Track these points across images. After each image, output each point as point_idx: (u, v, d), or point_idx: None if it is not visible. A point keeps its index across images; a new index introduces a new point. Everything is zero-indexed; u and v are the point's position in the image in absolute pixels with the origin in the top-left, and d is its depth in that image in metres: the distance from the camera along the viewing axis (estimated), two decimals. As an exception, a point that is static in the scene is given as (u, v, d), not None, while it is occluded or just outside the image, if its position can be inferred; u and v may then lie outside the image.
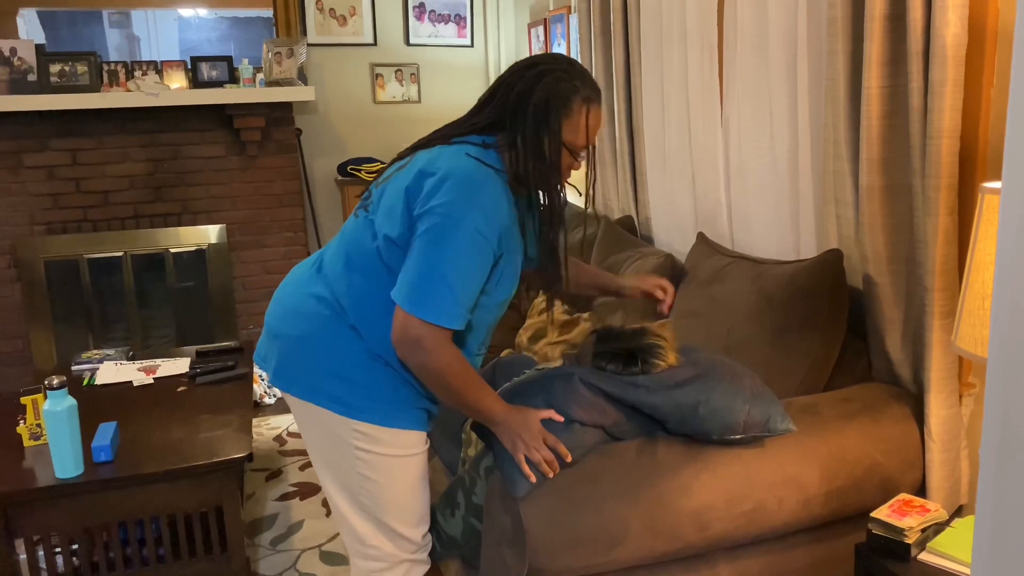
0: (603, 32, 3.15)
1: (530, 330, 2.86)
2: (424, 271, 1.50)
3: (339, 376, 1.63)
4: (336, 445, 1.68)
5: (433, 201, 1.51)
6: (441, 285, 1.50)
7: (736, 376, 1.68)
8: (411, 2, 4.43)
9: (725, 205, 2.59)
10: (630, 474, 1.60)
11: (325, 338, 1.63)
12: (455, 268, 1.50)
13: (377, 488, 1.68)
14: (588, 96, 1.57)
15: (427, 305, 1.50)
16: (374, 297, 1.60)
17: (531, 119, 1.55)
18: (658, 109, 2.89)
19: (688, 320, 2.31)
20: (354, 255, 1.63)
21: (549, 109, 1.55)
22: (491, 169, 1.56)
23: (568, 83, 1.55)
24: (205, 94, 3.94)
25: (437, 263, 1.50)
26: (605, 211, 3.36)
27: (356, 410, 1.63)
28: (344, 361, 1.63)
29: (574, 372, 1.70)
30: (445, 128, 1.69)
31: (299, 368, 1.66)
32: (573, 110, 1.56)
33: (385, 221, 1.58)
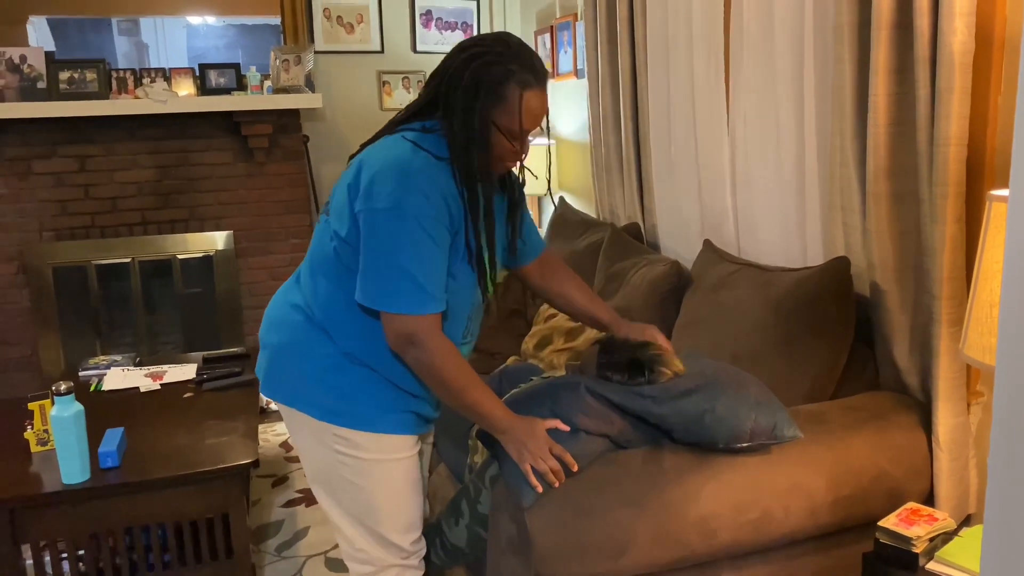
0: (609, 39, 3.16)
1: (536, 337, 2.86)
2: (382, 268, 1.50)
3: (317, 381, 1.64)
4: (320, 450, 1.68)
5: (372, 196, 1.50)
6: (403, 277, 1.49)
7: (742, 384, 1.67)
8: (418, 10, 4.45)
9: (731, 212, 2.59)
10: (636, 482, 1.60)
11: (301, 344, 1.64)
12: (411, 257, 1.49)
13: (362, 493, 1.69)
14: (524, 79, 1.51)
15: (400, 299, 1.50)
16: (338, 298, 1.60)
17: (460, 104, 1.52)
18: (664, 116, 2.89)
19: (694, 327, 2.31)
20: (317, 259, 1.64)
21: (478, 94, 1.50)
22: (426, 152, 1.53)
23: (500, 66, 1.50)
24: (213, 101, 3.96)
25: (392, 256, 1.49)
26: (611, 218, 3.36)
27: (335, 415, 1.64)
28: (320, 366, 1.63)
29: (580, 381, 1.69)
30: (392, 118, 1.68)
31: (282, 375, 1.68)
32: (505, 95, 1.51)
33: (337, 221, 1.59)
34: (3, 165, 3.86)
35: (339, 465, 1.67)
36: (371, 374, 1.64)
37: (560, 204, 3.72)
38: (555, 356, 2.73)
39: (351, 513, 1.71)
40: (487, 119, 1.52)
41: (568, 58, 3.86)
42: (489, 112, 1.52)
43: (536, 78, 1.53)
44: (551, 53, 4.06)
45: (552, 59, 4.06)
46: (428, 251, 1.51)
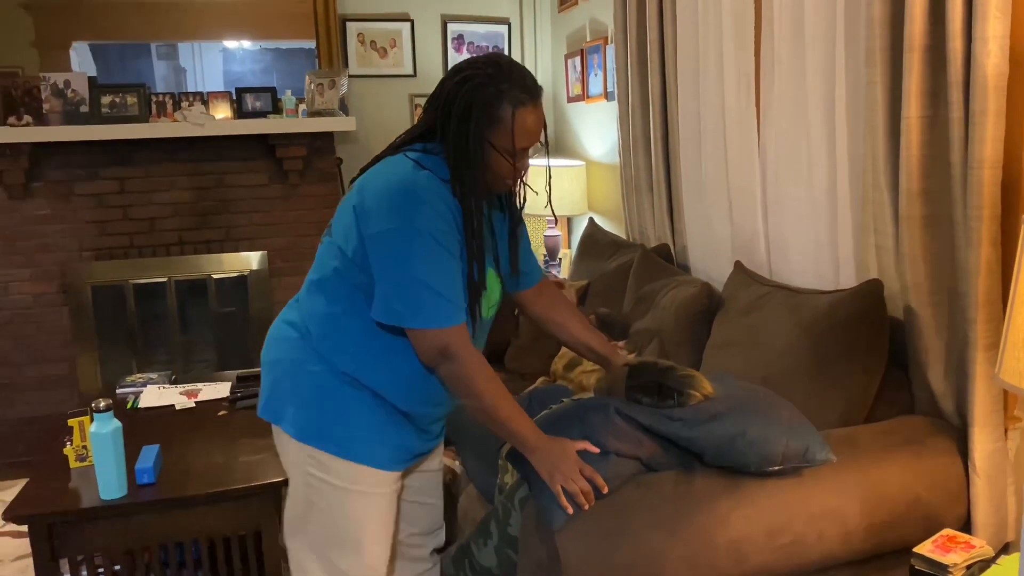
0: (640, 62, 3.18)
1: (565, 358, 2.86)
2: (404, 285, 1.51)
3: (305, 400, 1.62)
4: (295, 473, 1.67)
5: (382, 217, 1.52)
6: (424, 291, 1.50)
7: (773, 407, 1.66)
8: (450, 34, 4.51)
9: (762, 234, 2.58)
10: (667, 505, 1.59)
11: (294, 362, 1.64)
12: (430, 270, 1.51)
13: (329, 523, 1.65)
14: (516, 98, 1.53)
15: (428, 313, 1.51)
16: (336, 316, 1.61)
17: (455, 127, 1.53)
18: (694, 138, 2.90)
19: (725, 350, 2.30)
20: (318, 278, 1.66)
21: (471, 115, 1.52)
22: (428, 171, 1.54)
23: (492, 87, 1.52)
24: (249, 124, 4.04)
25: (411, 273, 1.50)
26: (641, 239, 3.37)
27: (315, 436, 1.62)
28: (310, 384, 1.62)
29: (610, 403, 1.70)
30: (392, 141, 1.70)
31: (272, 393, 1.68)
32: (498, 114, 1.52)
33: (342, 239, 1.60)
34: (47, 187, 3.96)
35: (310, 489, 1.64)
36: (364, 397, 1.61)
37: (589, 225, 3.73)
38: (584, 377, 2.73)
39: (316, 547, 1.67)
40: (482, 140, 1.54)
41: (598, 81, 3.88)
42: (484, 133, 1.53)
43: (529, 95, 1.54)
44: (581, 76, 4.09)
45: (582, 82, 4.09)
46: (445, 263, 1.52)
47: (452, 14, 4.50)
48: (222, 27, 4.21)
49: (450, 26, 4.50)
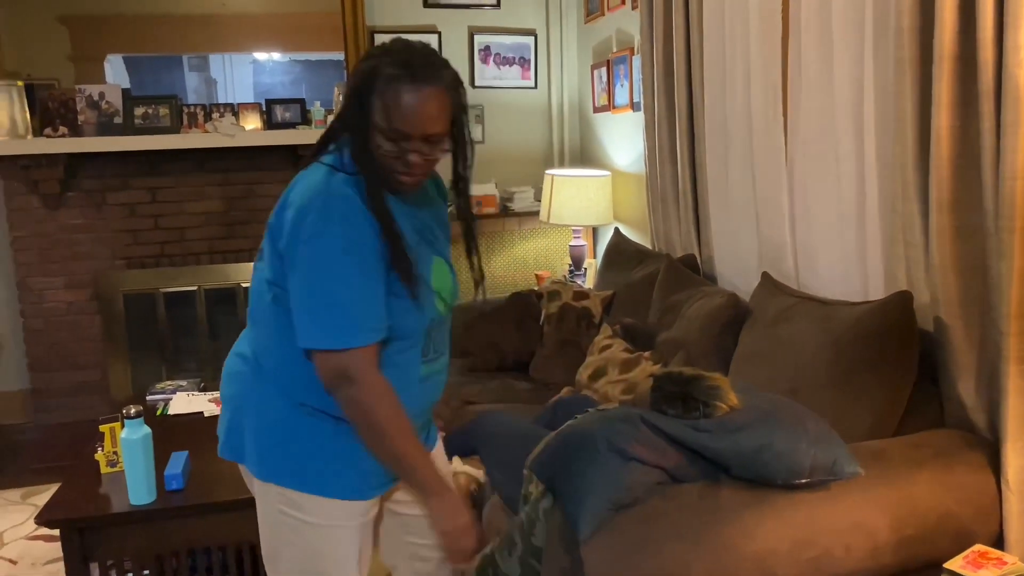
0: (666, 73, 3.18)
1: (590, 368, 2.86)
2: (313, 304, 1.41)
3: (265, 437, 1.53)
4: (265, 510, 1.59)
5: (294, 232, 1.41)
6: (333, 309, 1.40)
7: (800, 419, 1.65)
8: (477, 45, 4.54)
9: (790, 245, 2.57)
10: (692, 517, 1.58)
11: (248, 397, 1.55)
12: (341, 288, 1.40)
13: (304, 559, 1.57)
14: (392, 75, 1.39)
15: (331, 334, 1.40)
16: (283, 345, 1.49)
17: (347, 109, 1.45)
18: (721, 148, 2.89)
19: (752, 361, 2.29)
20: (254, 306, 1.57)
21: (360, 95, 1.42)
22: (342, 172, 1.44)
23: (369, 62, 1.42)
24: (278, 135, 4.09)
25: (321, 291, 1.40)
26: (667, 249, 3.36)
27: (280, 474, 1.53)
28: (268, 420, 1.53)
29: (637, 412, 1.70)
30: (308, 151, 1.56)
31: (227, 429, 1.59)
32: (378, 91, 1.40)
33: (264, 264, 1.51)
34: (80, 196, 4.04)
35: (282, 527, 1.56)
36: (325, 427, 1.51)
37: (615, 235, 3.72)
38: (610, 388, 2.72)
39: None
40: (367, 114, 1.42)
41: (624, 91, 3.89)
42: (367, 106, 1.41)
43: (409, 73, 1.40)
44: (607, 87, 4.10)
45: (608, 92, 4.09)
46: (353, 279, 1.41)
47: (479, 26, 4.53)
48: (252, 40, 4.28)
49: (477, 38, 4.53)
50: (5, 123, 3.78)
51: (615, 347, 2.84)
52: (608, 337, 2.92)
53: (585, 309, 3.29)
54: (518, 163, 4.68)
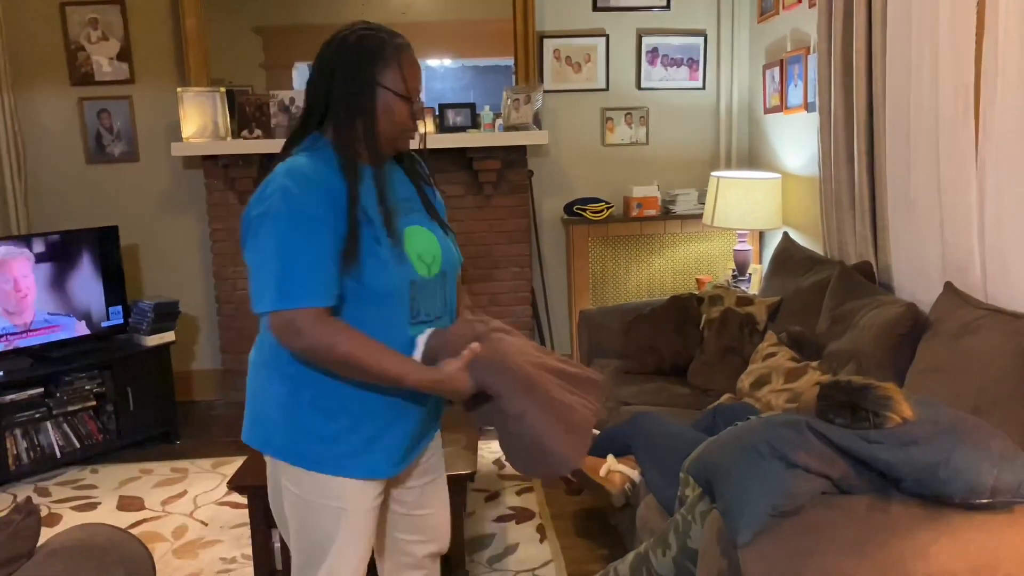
0: (844, 72, 3.05)
1: (753, 376, 2.79)
2: (256, 271, 1.50)
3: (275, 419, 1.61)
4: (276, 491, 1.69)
5: (245, 214, 1.53)
6: (273, 274, 1.47)
7: (982, 436, 1.55)
8: (645, 47, 4.53)
9: (978, 253, 2.40)
10: (859, 530, 1.53)
11: (260, 386, 1.64)
12: (280, 252, 1.47)
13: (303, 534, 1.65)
14: (397, 43, 1.58)
15: (278, 295, 1.47)
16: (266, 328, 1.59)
17: (342, 86, 1.54)
18: (903, 151, 2.74)
19: (932, 375, 2.16)
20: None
21: (360, 63, 1.54)
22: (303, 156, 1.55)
23: (375, 35, 1.57)
24: (450, 138, 4.26)
25: (262, 258, 1.49)
26: (840, 255, 3.22)
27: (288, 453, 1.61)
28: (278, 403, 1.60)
29: (803, 419, 1.65)
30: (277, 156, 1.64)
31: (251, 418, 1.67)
32: (386, 55, 1.55)
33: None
34: (270, 193, 4.38)
35: (292, 508, 1.65)
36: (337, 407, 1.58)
37: (784, 239, 3.61)
38: (773, 396, 2.65)
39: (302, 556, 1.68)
40: (374, 84, 1.54)
41: (798, 92, 3.76)
42: (375, 78, 1.54)
43: (404, 41, 1.60)
44: (780, 87, 3.98)
45: (781, 93, 3.97)
46: (300, 244, 1.48)
47: (648, 28, 4.52)
48: (429, 46, 4.48)
49: (644, 39, 4.52)
50: (209, 126, 4.17)
51: (780, 355, 2.77)
52: (773, 345, 2.84)
53: (749, 315, 3.21)
54: (682, 165, 4.63)
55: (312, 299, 1.48)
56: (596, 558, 2.77)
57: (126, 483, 3.51)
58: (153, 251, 4.53)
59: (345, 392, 1.57)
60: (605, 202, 4.42)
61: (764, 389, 2.70)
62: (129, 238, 4.36)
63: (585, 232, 4.41)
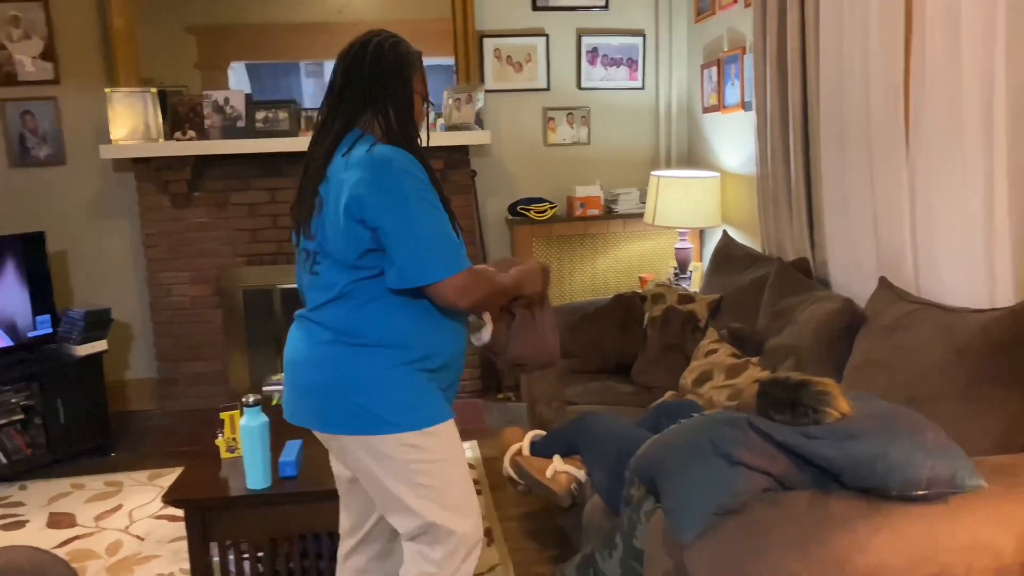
0: (779, 73, 3.10)
1: (695, 372, 2.81)
2: (423, 245, 1.65)
3: (381, 398, 1.73)
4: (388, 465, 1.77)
5: (380, 201, 1.64)
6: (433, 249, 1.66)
7: (918, 428, 1.58)
8: (584, 47, 4.54)
9: (910, 249, 2.46)
10: (800, 526, 1.54)
11: (355, 370, 1.73)
12: (430, 230, 1.67)
13: (432, 494, 1.79)
14: (418, 52, 1.83)
15: (448, 264, 1.67)
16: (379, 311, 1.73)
17: (391, 85, 1.75)
18: (837, 149, 2.80)
19: (868, 369, 2.20)
20: (337, 294, 1.75)
21: (402, 70, 1.76)
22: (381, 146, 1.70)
23: (404, 44, 1.80)
24: (389, 138, 4.20)
25: (417, 236, 1.65)
26: (778, 252, 3.27)
27: (402, 424, 1.74)
28: (382, 382, 1.73)
29: (744, 417, 1.66)
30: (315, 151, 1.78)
31: (341, 408, 1.75)
32: (416, 64, 1.80)
33: (346, 248, 1.70)
34: (205, 196, 4.27)
35: (415, 474, 1.77)
36: (427, 372, 1.77)
37: (723, 237, 3.65)
38: (715, 393, 2.68)
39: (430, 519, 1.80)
40: (412, 89, 1.79)
41: (735, 91, 3.81)
42: (411, 82, 1.79)
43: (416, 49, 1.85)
44: (717, 86, 4.02)
45: (719, 92, 4.02)
46: (438, 220, 1.69)
47: (587, 27, 4.54)
48: (367, 45, 4.41)
49: (584, 39, 4.53)
50: (140, 127, 4.04)
51: (721, 352, 2.79)
52: (714, 341, 2.87)
53: (691, 313, 3.24)
54: (623, 164, 4.66)
55: (465, 262, 1.70)
56: (544, 560, 2.75)
57: (57, 499, 3.38)
58: (83, 257, 4.38)
59: (443, 346, 1.80)
60: (549, 202, 4.42)
61: (706, 385, 2.73)
62: (57, 244, 4.21)
63: (529, 232, 4.40)
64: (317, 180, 1.74)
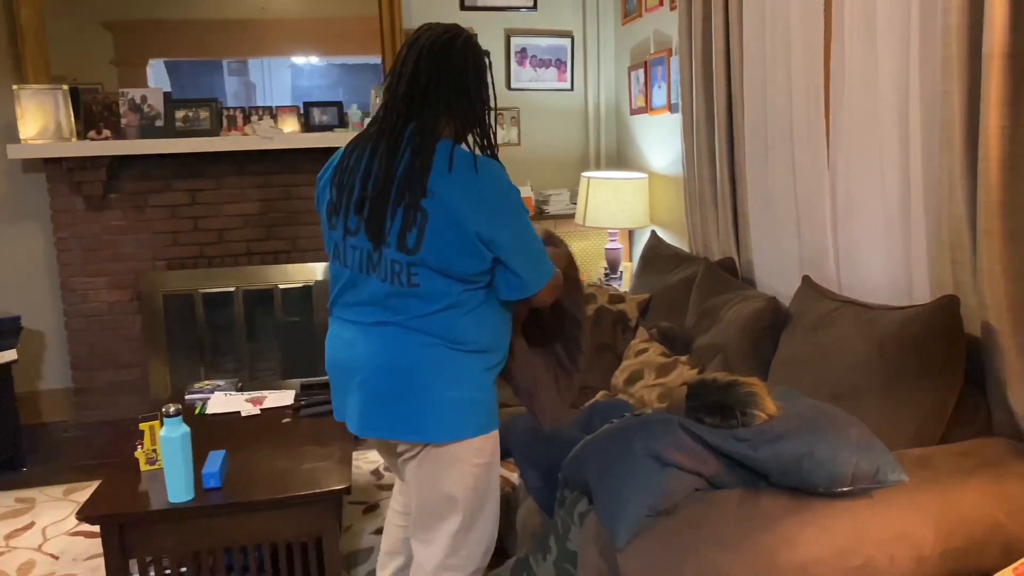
0: (705, 74, 3.14)
1: (626, 372, 2.83)
2: (531, 256, 1.74)
3: (468, 402, 1.77)
4: (459, 470, 1.80)
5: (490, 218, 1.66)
6: (541, 254, 1.78)
7: (842, 426, 1.61)
8: (513, 48, 4.54)
9: (832, 248, 2.52)
10: (732, 524, 1.55)
11: (454, 379, 1.74)
12: (536, 242, 1.77)
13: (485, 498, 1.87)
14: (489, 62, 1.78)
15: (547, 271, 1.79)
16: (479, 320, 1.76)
17: (479, 88, 1.73)
18: (761, 150, 2.85)
19: (793, 366, 2.25)
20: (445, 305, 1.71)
21: (485, 78, 1.75)
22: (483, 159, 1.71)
23: (482, 50, 1.77)
24: (316, 138, 4.13)
25: (531, 244, 1.75)
26: (705, 252, 3.32)
27: (480, 427, 1.80)
28: (466, 384, 1.76)
29: (675, 417, 1.67)
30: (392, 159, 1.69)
31: (443, 416, 1.75)
32: (488, 76, 1.76)
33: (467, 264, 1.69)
34: (122, 198, 4.11)
35: (475, 480, 1.82)
36: (494, 377, 1.83)
37: (651, 238, 3.69)
38: (645, 391, 2.70)
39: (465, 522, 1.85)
40: (485, 99, 1.76)
41: (662, 93, 3.86)
42: (487, 93, 1.76)
43: None
44: (644, 88, 4.07)
45: (645, 94, 4.07)
46: (531, 228, 1.76)
47: (516, 28, 4.53)
48: (291, 44, 4.32)
49: (513, 40, 4.53)
50: (50, 126, 3.86)
51: (651, 351, 2.82)
52: (644, 341, 2.89)
53: (621, 312, 3.26)
54: (554, 165, 4.67)
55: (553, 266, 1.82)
56: (478, 564, 2.73)
57: (-37, 518, 3.20)
58: (-10, 262, 4.17)
59: (506, 349, 1.86)
60: (478, 203, 4.40)
61: (637, 385, 2.75)
62: (-40, 249, 3.99)
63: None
64: (417, 194, 1.63)
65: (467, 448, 1.78)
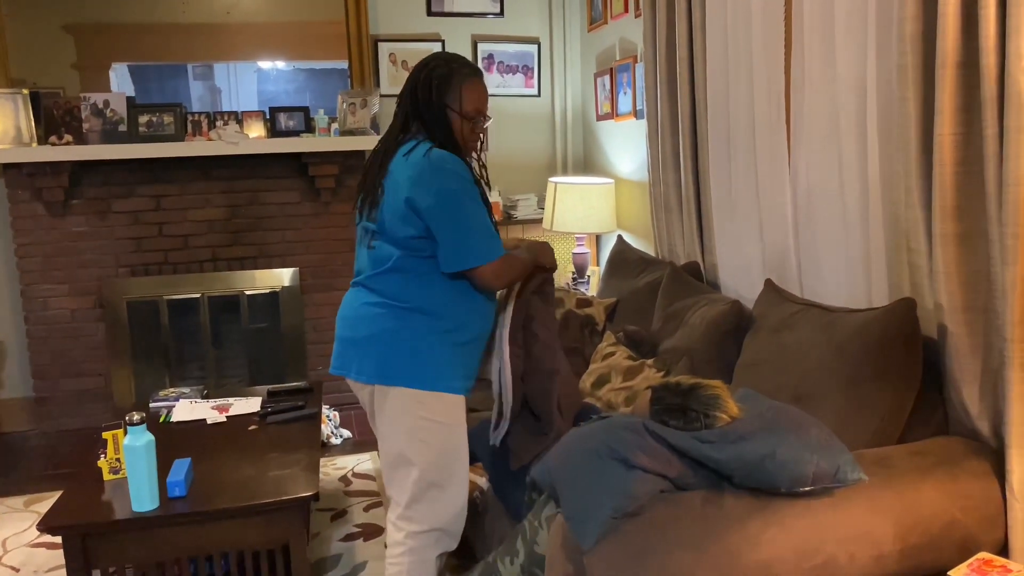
0: (669, 81, 3.18)
1: (593, 375, 2.85)
2: (467, 235, 1.98)
3: (410, 355, 2.02)
4: (406, 420, 2.05)
5: (429, 192, 1.95)
6: (475, 238, 1.98)
7: (803, 427, 1.64)
8: (480, 54, 4.55)
9: (793, 252, 2.57)
10: (696, 525, 1.58)
11: (395, 330, 2.03)
12: (474, 221, 1.98)
13: (430, 454, 2.07)
14: (465, 73, 2.05)
15: (487, 251, 1.99)
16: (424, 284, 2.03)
17: (424, 105, 2.04)
18: (724, 155, 2.89)
19: (756, 368, 2.28)
20: (389, 267, 2.04)
21: (433, 89, 2.03)
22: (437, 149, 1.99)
23: (445, 68, 2.04)
24: (282, 143, 4.10)
25: (462, 227, 1.97)
26: (670, 256, 3.36)
27: (423, 382, 2.03)
28: (420, 343, 2.03)
29: (641, 421, 1.69)
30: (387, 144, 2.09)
31: (375, 359, 2.04)
32: (453, 85, 2.03)
33: (402, 228, 1.99)
34: (86, 204, 4.05)
35: (420, 431, 2.05)
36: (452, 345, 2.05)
37: (618, 242, 3.72)
38: (612, 395, 2.72)
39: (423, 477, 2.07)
40: (444, 107, 2.03)
41: (628, 99, 3.90)
42: (444, 100, 2.03)
43: (471, 70, 2.07)
44: (610, 94, 4.10)
45: (611, 100, 4.10)
46: (480, 213, 2.00)
47: (482, 34, 4.55)
48: (257, 48, 4.30)
49: (480, 46, 4.54)
50: (10, 131, 3.80)
51: (618, 354, 2.84)
52: (611, 344, 2.92)
53: (588, 316, 3.28)
54: (521, 171, 4.69)
55: (500, 250, 2.03)
56: (448, 569, 2.73)
57: (-80, 531, 3.13)
58: (-53, 270, 4.08)
59: (472, 322, 2.09)
60: (446, 208, 4.40)
61: (604, 388, 2.77)
62: (-83, 256, 3.91)
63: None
64: (382, 174, 2.03)
65: (409, 398, 2.03)
